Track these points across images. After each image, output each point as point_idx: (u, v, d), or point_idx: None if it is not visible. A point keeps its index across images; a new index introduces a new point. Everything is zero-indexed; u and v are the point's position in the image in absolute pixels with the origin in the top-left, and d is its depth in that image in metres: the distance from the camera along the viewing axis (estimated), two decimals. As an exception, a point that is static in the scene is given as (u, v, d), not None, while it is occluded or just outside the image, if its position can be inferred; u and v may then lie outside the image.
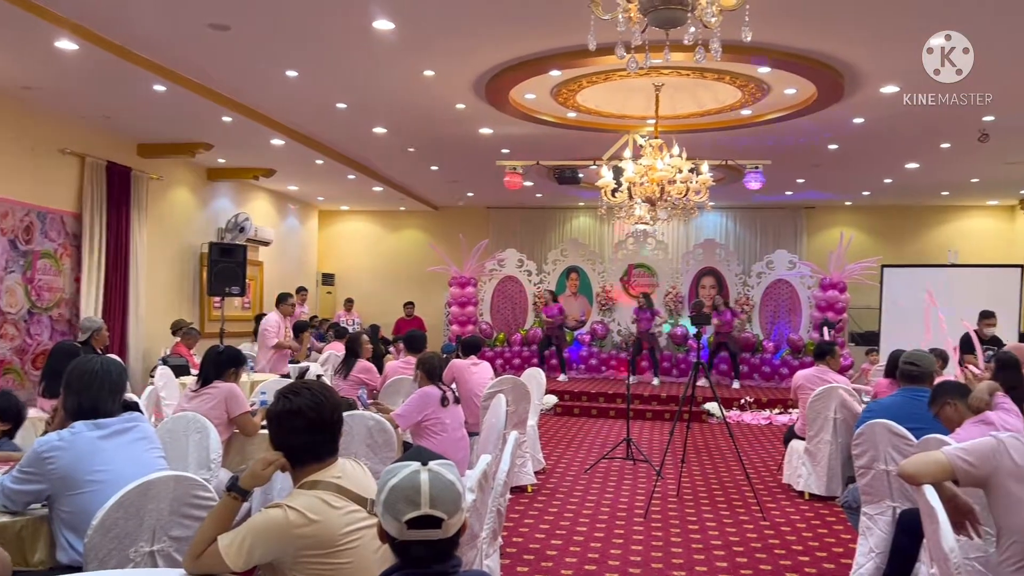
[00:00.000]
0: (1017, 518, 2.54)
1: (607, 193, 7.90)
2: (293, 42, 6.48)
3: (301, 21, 5.99)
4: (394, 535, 1.74)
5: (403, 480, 1.74)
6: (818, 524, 5.74)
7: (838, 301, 12.86)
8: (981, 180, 11.91)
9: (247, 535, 2.17)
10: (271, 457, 2.35)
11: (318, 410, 2.32)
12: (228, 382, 4.74)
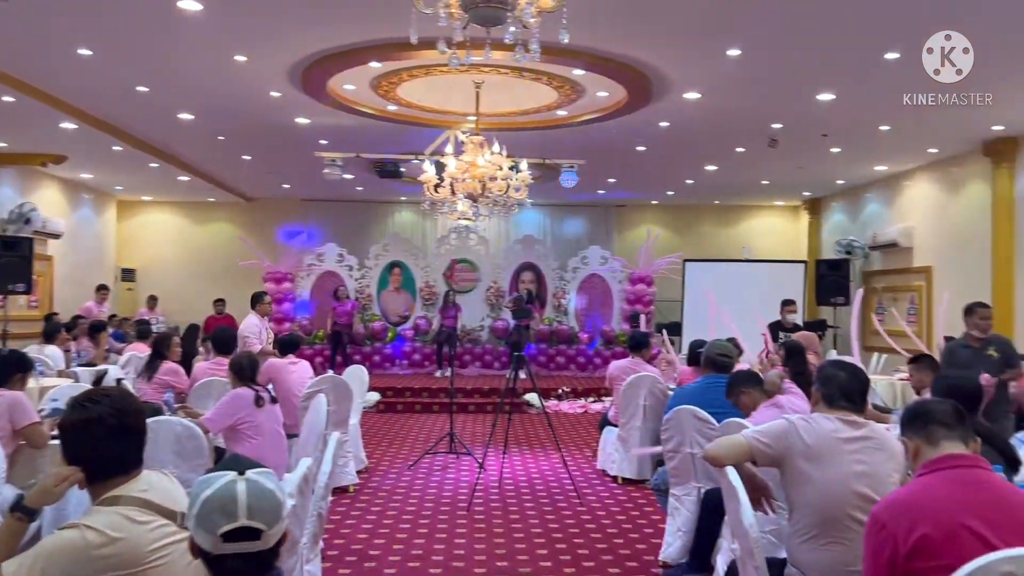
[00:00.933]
0: (807, 494, 2.78)
1: (430, 188, 7.88)
2: (86, 18, 5.93)
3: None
4: (208, 549, 1.62)
5: (218, 491, 1.63)
6: (631, 507, 6.04)
7: (646, 294, 13.63)
8: (771, 182, 13.02)
9: (37, 560, 1.95)
10: (65, 472, 2.13)
11: (119, 417, 2.12)
12: (13, 390, 4.27)
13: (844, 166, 11.45)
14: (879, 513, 2.17)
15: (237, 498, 1.62)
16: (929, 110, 8.04)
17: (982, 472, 2.17)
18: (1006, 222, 9.30)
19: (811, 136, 9.28)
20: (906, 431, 2.35)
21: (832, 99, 7.69)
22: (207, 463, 4.20)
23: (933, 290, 10.97)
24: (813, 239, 14.92)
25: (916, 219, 11.47)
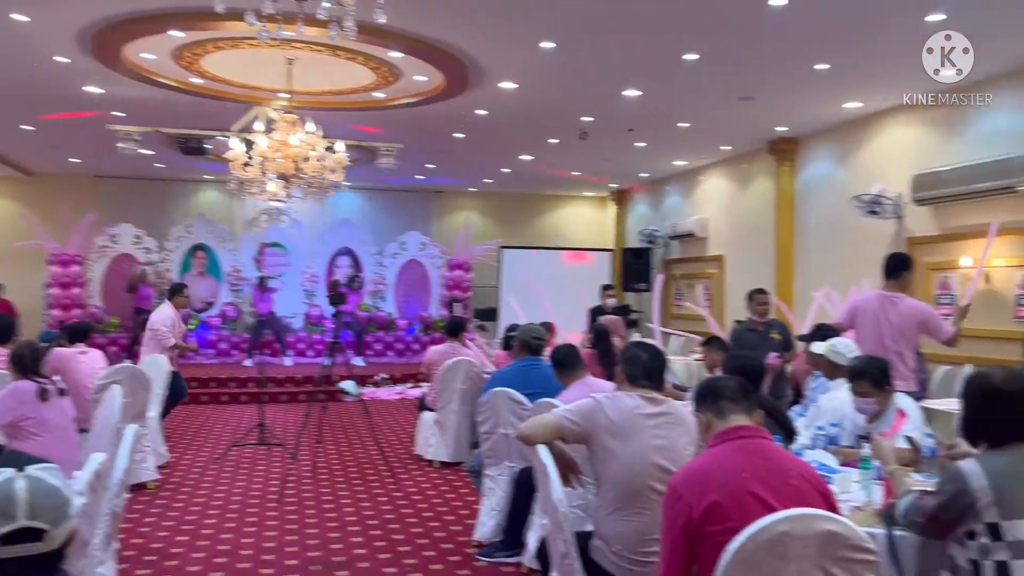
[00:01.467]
0: (612, 468, 2.93)
1: (237, 167, 7.50)
2: None
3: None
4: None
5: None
6: (447, 490, 6.11)
7: (464, 280, 13.80)
8: (582, 173, 13.54)
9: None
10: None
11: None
12: None
13: (647, 160, 12.11)
14: (675, 483, 2.32)
15: (15, 497, 1.49)
16: (723, 111, 8.73)
17: (764, 442, 2.39)
18: (787, 215, 10.23)
19: (618, 130, 9.73)
20: (698, 406, 2.53)
21: (638, 95, 8.11)
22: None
23: (725, 277, 11.89)
24: (620, 228, 15.70)
25: (710, 211, 12.36)
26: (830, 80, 7.45)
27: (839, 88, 7.78)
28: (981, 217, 7.33)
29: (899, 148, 8.45)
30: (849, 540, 2.11)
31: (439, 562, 4.52)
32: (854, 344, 4.72)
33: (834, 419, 3.94)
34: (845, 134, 9.24)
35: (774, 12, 5.73)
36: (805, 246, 9.98)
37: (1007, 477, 2.35)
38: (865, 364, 3.84)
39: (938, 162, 7.69)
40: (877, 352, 5.06)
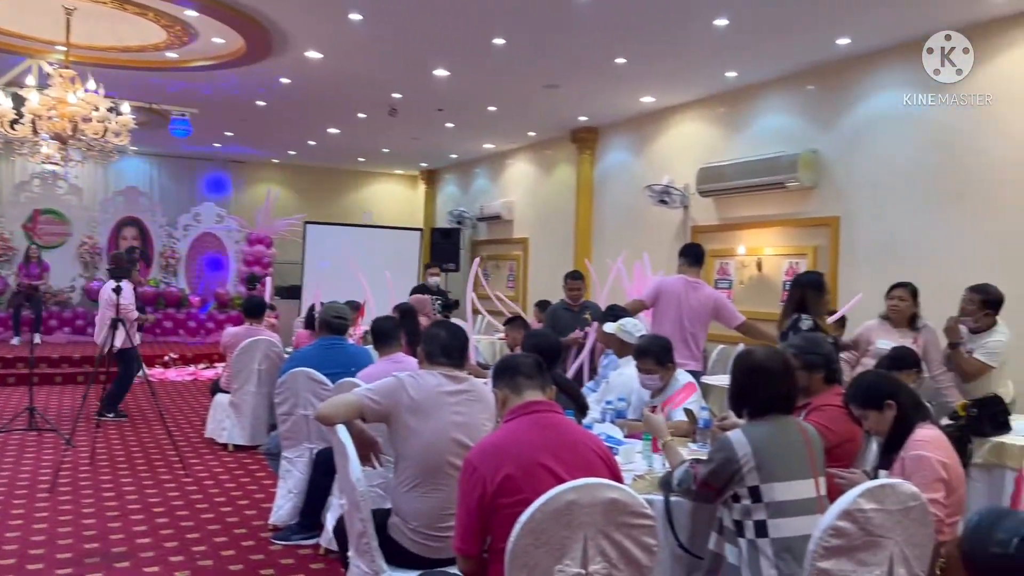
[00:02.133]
0: (412, 445, 2.94)
1: (4, 124, 6.73)
2: None
3: None
4: None
5: None
6: (241, 474, 5.87)
7: (265, 256, 13.25)
8: (391, 151, 13.40)
9: None
10: None
11: None
12: None
13: (457, 141, 12.21)
14: (471, 458, 2.38)
15: None
16: (530, 96, 8.96)
17: (556, 416, 2.50)
18: (587, 201, 10.72)
19: (428, 109, 9.73)
20: (496, 382, 2.60)
21: (447, 76, 8.13)
22: None
23: (529, 259, 12.26)
24: (429, 208, 15.73)
25: (516, 194, 12.68)
26: (628, 74, 7.85)
27: (636, 82, 8.23)
28: (756, 209, 8.07)
29: (687, 142, 9.09)
30: (630, 507, 2.26)
31: (231, 548, 4.35)
32: (642, 324, 5.04)
33: (622, 394, 4.20)
34: (640, 126, 9.80)
35: (579, 4, 5.95)
36: (602, 231, 10.50)
37: (766, 445, 2.61)
38: (649, 343, 4.11)
39: (720, 157, 8.36)
40: (675, 331, 5.48)
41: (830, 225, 7.28)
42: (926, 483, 2.75)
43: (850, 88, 7.12)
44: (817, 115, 7.48)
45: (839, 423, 3.46)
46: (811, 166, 7.37)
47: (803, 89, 7.62)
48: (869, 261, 6.88)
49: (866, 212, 6.97)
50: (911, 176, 6.59)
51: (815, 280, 4.90)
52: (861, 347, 5.10)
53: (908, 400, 3.09)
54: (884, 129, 6.84)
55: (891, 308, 5.01)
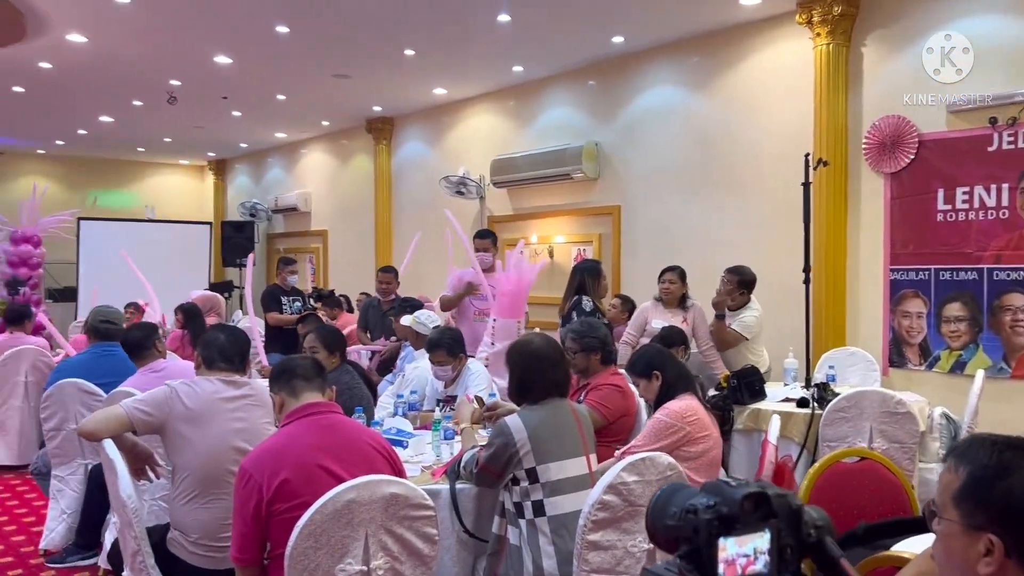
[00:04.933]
0: (188, 455, 2.83)
1: None
2: None
3: None
4: None
5: None
6: (8, 497, 5.38)
7: (32, 256, 12.02)
8: (174, 140, 12.60)
9: None
10: None
11: None
12: None
13: (247, 130, 11.70)
14: (246, 465, 2.34)
15: None
16: (320, 85, 8.75)
17: (335, 416, 2.51)
18: (385, 192, 10.66)
19: (211, 97, 9.25)
20: (273, 386, 2.57)
21: (230, 63, 7.77)
22: None
23: (329, 251, 12.02)
24: (219, 200, 14.96)
25: (313, 185, 12.37)
26: (418, 66, 7.89)
27: (427, 74, 8.28)
28: (547, 199, 8.41)
29: (480, 134, 9.28)
30: (410, 500, 2.32)
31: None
32: (436, 316, 5.12)
33: (415, 387, 4.26)
34: (435, 117, 9.88)
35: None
36: (400, 222, 10.50)
37: (541, 428, 2.77)
38: (440, 336, 4.21)
39: (511, 149, 8.62)
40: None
41: (612, 214, 7.73)
42: (647, 436, 3.25)
43: (626, 84, 7.59)
44: (598, 109, 7.90)
45: (614, 400, 3.74)
46: (594, 158, 7.78)
47: (585, 84, 8.02)
48: (646, 246, 7.39)
49: (643, 201, 7.47)
50: (680, 167, 7.14)
51: (592, 267, 5.26)
52: (638, 328, 5.49)
53: (672, 372, 3.47)
54: (656, 123, 7.36)
55: (663, 290, 5.43)
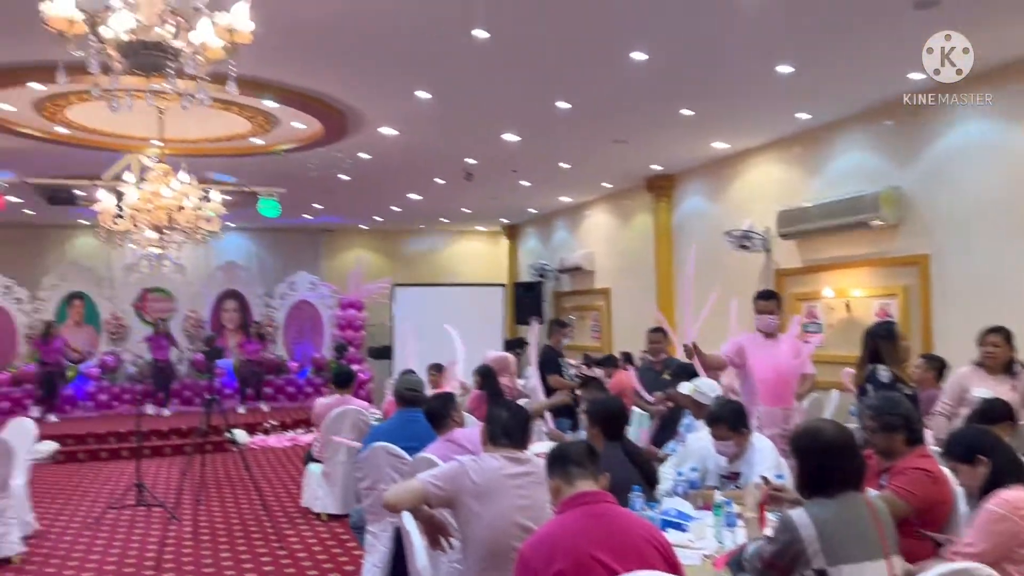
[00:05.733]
0: (476, 530, 2.99)
1: (107, 219, 7.25)
2: None
3: None
4: None
5: None
6: (333, 544, 6.02)
7: (357, 319, 13.66)
8: (471, 210, 13.69)
9: None
10: None
11: None
12: None
13: (534, 197, 12.38)
14: (524, 551, 2.40)
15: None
16: (600, 150, 9.03)
17: (608, 506, 2.49)
18: (666, 249, 10.64)
19: (502, 171, 9.93)
20: (549, 472, 2.62)
21: (517, 140, 8.30)
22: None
23: (612, 309, 12.22)
24: (512, 262, 15.92)
25: (595, 245, 12.71)
26: (696, 123, 7.83)
27: (705, 130, 8.19)
28: (840, 250, 7.84)
29: (765, 185, 8.94)
30: (686, 598, 2.23)
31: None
32: (717, 385, 4.94)
33: (695, 463, 4.12)
34: (716, 171, 9.71)
35: (635, 66, 6.02)
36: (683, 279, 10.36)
37: (833, 525, 2.52)
38: (720, 409, 4.04)
39: (799, 199, 8.18)
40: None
41: (919, 263, 6.99)
42: (976, 532, 2.79)
43: (928, 122, 6.89)
44: (896, 151, 7.25)
45: (922, 486, 3.31)
46: (894, 203, 7.12)
47: (880, 125, 7.41)
48: (962, 301, 6.56)
49: (956, 249, 6.67)
50: (1001, 210, 6.29)
51: (886, 330, 4.75)
52: (956, 396, 4.86)
53: (1001, 457, 3.00)
54: (967, 161, 6.58)
55: (985, 355, 4.76)
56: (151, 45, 3.00)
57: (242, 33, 3.17)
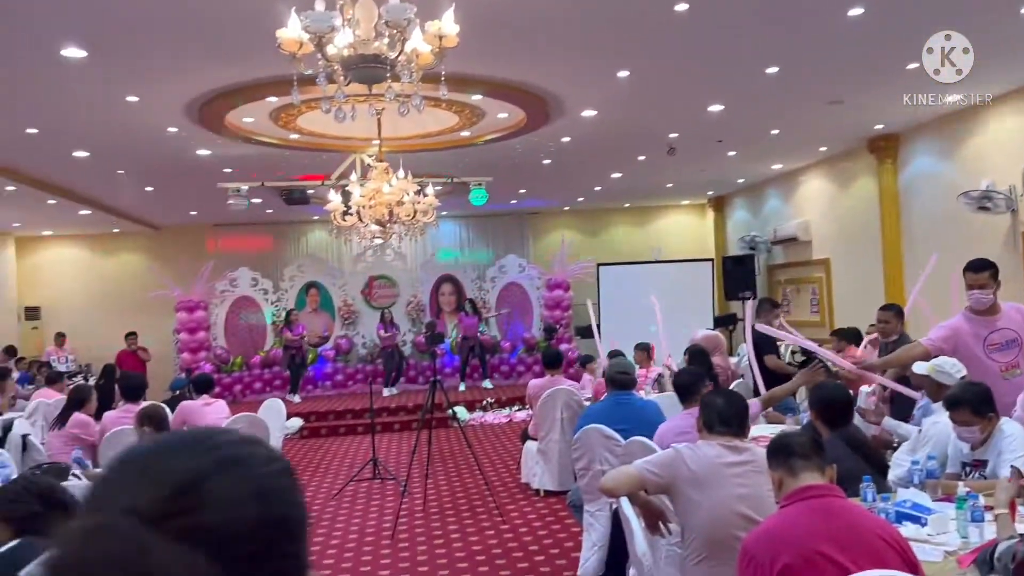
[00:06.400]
0: (695, 518, 2.97)
1: (337, 216, 7.88)
2: (-36, 67, 5.77)
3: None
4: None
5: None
6: (552, 521, 6.21)
7: (563, 299, 13.90)
8: (675, 184, 13.43)
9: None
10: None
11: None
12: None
13: (742, 166, 11.91)
14: (748, 544, 2.35)
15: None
16: (814, 113, 8.51)
17: (836, 500, 2.38)
18: (892, 214, 9.85)
19: (707, 142, 9.64)
20: (770, 464, 2.54)
21: (721, 109, 8.02)
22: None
23: (832, 281, 11.52)
24: (719, 236, 15.44)
25: (812, 213, 12.01)
26: (925, 76, 7.14)
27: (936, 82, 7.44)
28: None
29: (1008, 139, 8.01)
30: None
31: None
32: (960, 364, 4.51)
33: (933, 450, 3.81)
34: (948, 127, 8.83)
35: (851, 21, 5.61)
36: (913, 245, 9.57)
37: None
38: (962, 392, 3.69)
39: (1051, 151, 7.26)
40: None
41: None
42: None
43: None
44: None
45: None
46: None
47: None
48: None
49: None
50: None
51: None
52: None
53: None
54: None
55: None
56: (370, 58, 3.22)
57: (450, 37, 3.32)
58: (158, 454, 0.68)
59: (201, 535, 0.62)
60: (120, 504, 0.64)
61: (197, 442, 0.68)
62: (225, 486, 0.66)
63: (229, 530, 0.64)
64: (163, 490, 0.64)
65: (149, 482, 0.65)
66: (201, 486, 0.65)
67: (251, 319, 13.55)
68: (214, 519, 0.64)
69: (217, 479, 0.66)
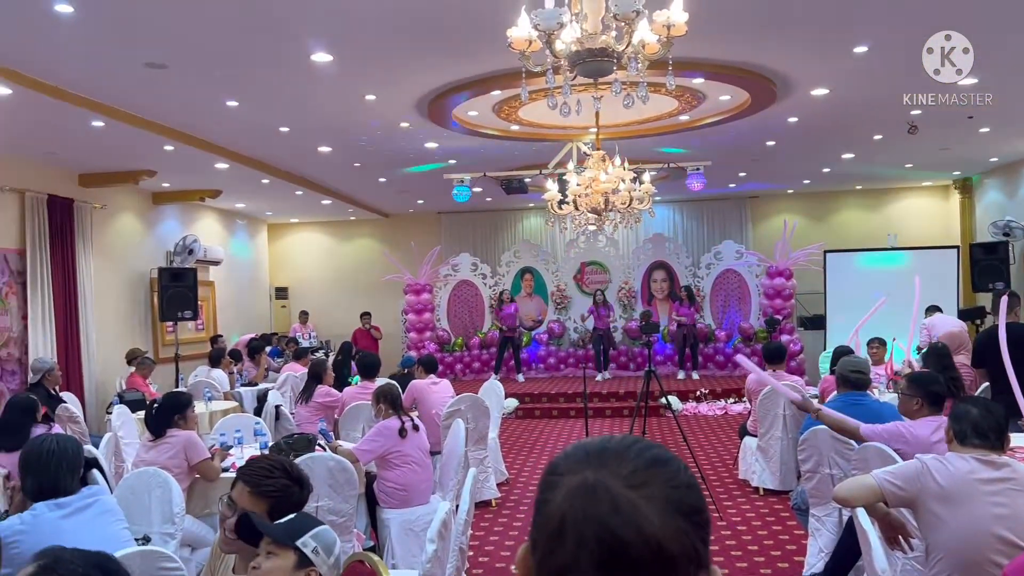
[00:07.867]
0: (941, 535, 2.73)
1: (554, 206, 8.02)
2: (231, 76, 6.49)
3: (238, 58, 6.02)
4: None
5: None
6: (773, 521, 5.96)
7: (785, 288, 13.21)
8: (915, 165, 12.31)
9: None
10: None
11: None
12: (184, 428, 4.75)
13: (996, 144, 10.66)
14: (1009, 574, 2.13)
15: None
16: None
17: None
18: None
19: (955, 119, 8.73)
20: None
21: (974, 83, 7.23)
22: (358, 493, 4.54)
23: (1107, 272, 10.07)
24: (966, 221, 13.96)
25: (1084, 195, 10.54)
26: None
27: None
28: None
29: None
30: None
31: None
32: None
33: None
34: None
35: None
36: None
37: None
38: None
39: None
40: None
41: None
42: None
43: None
44: None
45: None
46: None
47: None
48: None
49: None
50: None
51: None
52: None
53: None
54: None
55: None
56: (597, 52, 3.23)
57: (679, 26, 3.25)
58: (626, 444, 0.90)
59: (660, 502, 0.83)
60: (610, 471, 0.86)
61: (642, 442, 0.91)
62: (672, 469, 0.88)
63: (678, 501, 0.84)
64: (640, 464, 0.87)
65: (627, 460, 0.87)
66: (659, 469, 0.87)
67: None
68: (667, 493, 0.85)
69: (663, 466, 0.88)
